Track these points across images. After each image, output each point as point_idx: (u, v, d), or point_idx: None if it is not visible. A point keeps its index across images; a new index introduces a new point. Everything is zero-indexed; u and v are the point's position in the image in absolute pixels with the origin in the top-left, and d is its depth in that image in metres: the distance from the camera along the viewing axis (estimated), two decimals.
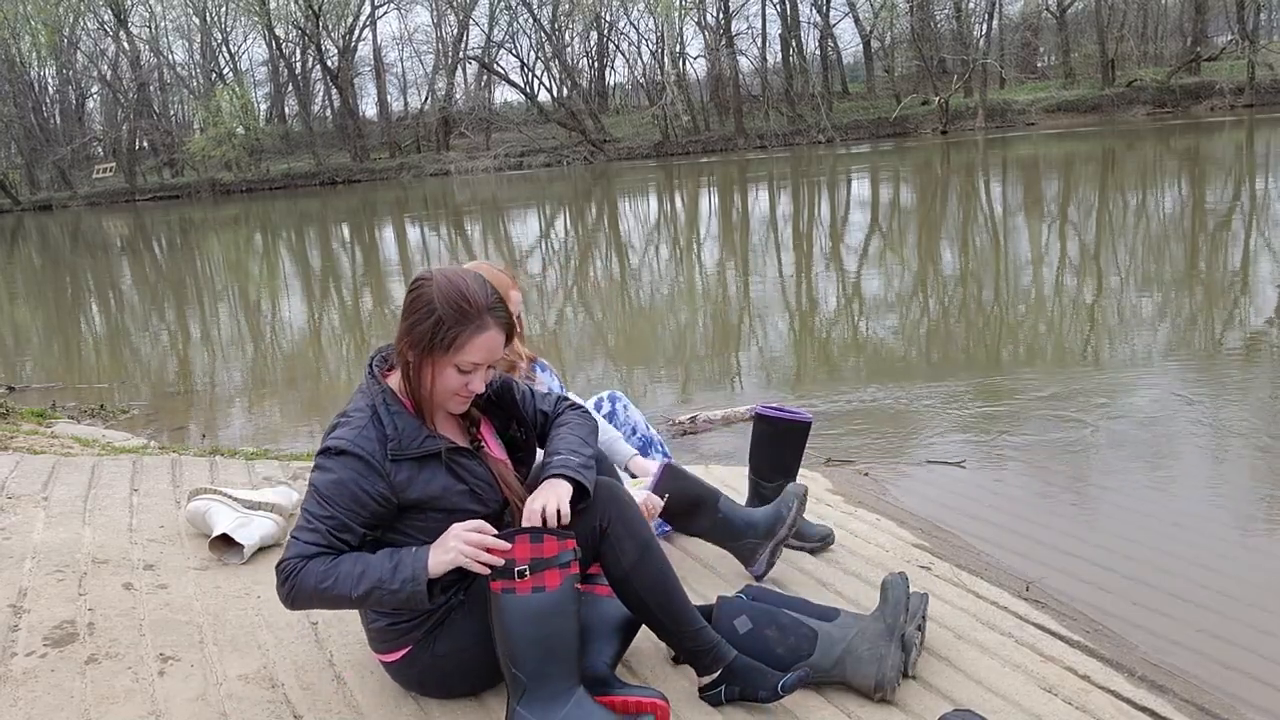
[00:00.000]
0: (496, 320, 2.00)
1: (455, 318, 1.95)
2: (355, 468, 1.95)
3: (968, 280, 9.29)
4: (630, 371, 7.01)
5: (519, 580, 1.90)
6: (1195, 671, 2.72)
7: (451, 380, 2.01)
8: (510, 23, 45.55)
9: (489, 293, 2.00)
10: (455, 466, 2.05)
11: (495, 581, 1.93)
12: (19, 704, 2.16)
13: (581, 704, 1.96)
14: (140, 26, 45.64)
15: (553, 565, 1.92)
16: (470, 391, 2.04)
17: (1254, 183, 15.15)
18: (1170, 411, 4.98)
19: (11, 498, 3.52)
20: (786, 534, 2.84)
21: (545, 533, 1.92)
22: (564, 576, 1.94)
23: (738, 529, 2.84)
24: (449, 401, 2.05)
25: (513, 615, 1.92)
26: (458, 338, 1.96)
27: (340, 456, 1.96)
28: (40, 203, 41.74)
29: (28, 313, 12.80)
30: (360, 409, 2.02)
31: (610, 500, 2.11)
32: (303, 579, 1.92)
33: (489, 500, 2.09)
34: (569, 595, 1.95)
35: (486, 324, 1.98)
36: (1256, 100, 33.34)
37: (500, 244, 16.65)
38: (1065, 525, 3.76)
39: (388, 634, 2.11)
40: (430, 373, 2.00)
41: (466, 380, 2.02)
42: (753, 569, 2.87)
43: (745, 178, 26.17)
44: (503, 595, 1.92)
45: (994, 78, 39.15)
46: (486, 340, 1.98)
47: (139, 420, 6.38)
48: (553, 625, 1.93)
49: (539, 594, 1.91)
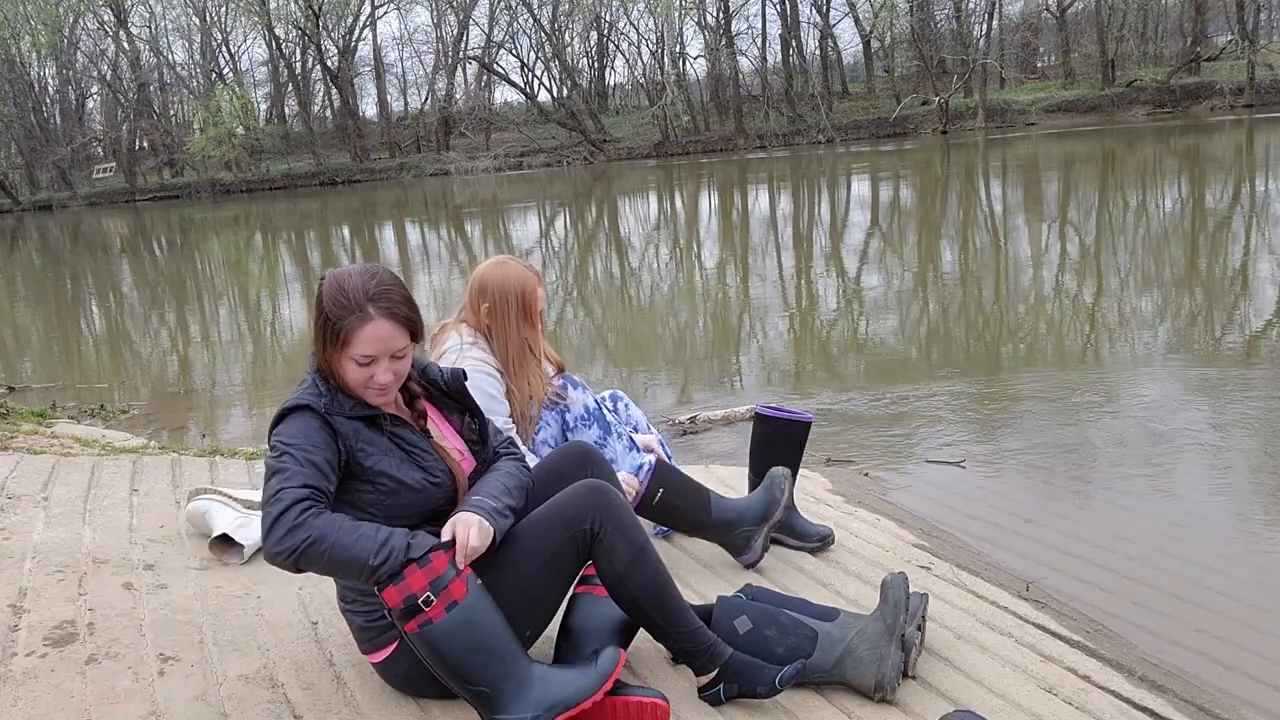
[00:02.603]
0: (380, 310, 2.00)
1: (338, 313, 2.00)
2: (309, 416, 2.00)
3: (968, 280, 9.29)
4: (630, 371, 7.01)
5: (429, 609, 1.88)
6: (1195, 671, 2.72)
7: (354, 373, 2.04)
8: (510, 23, 45.60)
9: (371, 285, 2.02)
10: (391, 434, 2.10)
11: (408, 624, 1.90)
12: (19, 704, 2.16)
13: (545, 678, 1.98)
14: (140, 26, 45.69)
15: (449, 579, 1.90)
16: (378, 384, 2.05)
17: (1254, 183, 15.16)
18: (1170, 411, 4.98)
19: (11, 498, 3.52)
20: (781, 515, 2.87)
21: (429, 552, 1.89)
22: (465, 580, 1.93)
23: (730, 521, 2.85)
24: (364, 394, 2.08)
25: (442, 642, 1.91)
26: (343, 332, 2.00)
27: (294, 412, 2.01)
28: (40, 203, 41.74)
29: (28, 313, 12.80)
30: (304, 380, 2.10)
31: (602, 505, 2.11)
32: (322, 530, 1.85)
33: (435, 470, 2.12)
34: (478, 593, 1.94)
35: (369, 315, 2.00)
36: (1256, 100, 33.35)
37: (500, 244, 16.65)
38: (1065, 525, 3.76)
39: (368, 632, 2.13)
40: (338, 367, 2.05)
41: (370, 373, 2.03)
42: (746, 556, 2.88)
43: (745, 178, 26.17)
44: (422, 630, 1.90)
45: (994, 78, 39.17)
46: (373, 331, 2.00)
47: (139, 420, 6.38)
48: (480, 629, 1.93)
49: (453, 610, 1.90)
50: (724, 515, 2.87)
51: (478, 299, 2.89)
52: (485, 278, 2.88)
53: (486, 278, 2.88)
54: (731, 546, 2.90)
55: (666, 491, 2.83)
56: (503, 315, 2.86)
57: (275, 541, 1.84)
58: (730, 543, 2.89)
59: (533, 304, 2.89)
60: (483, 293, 2.87)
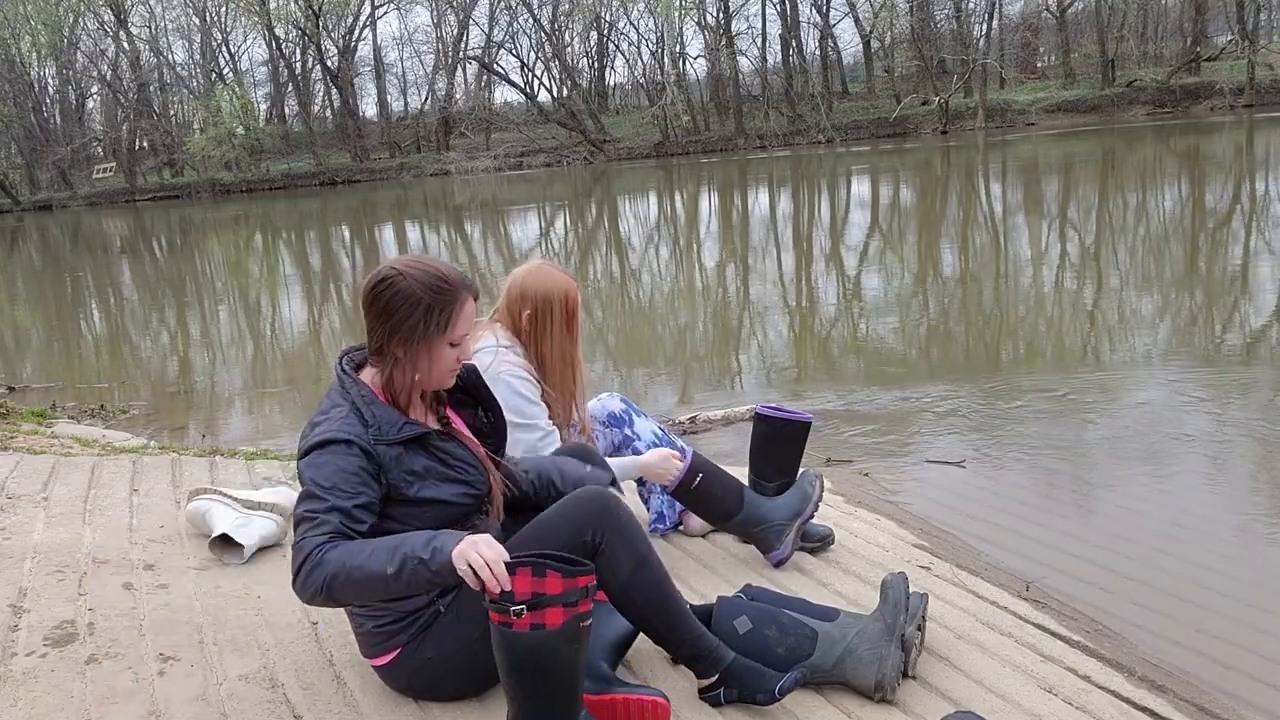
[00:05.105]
0: (469, 289, 2.11)
1: (442, 299, 2.05)
2: (347, 452, 1.97)
3: (968, 280, 9.29)
4: (630, 371, 7.01)
5: (515, 618, 1.81)
6: (1195, 671, 2.72)
7: (448, 357, 2.11)
8: (510, 23, 45.59)
9: (452, 267, 2.11)
10: (436, 450, 2.10)
11: (494, 614, 1.84)
12: (19, 704, 2.16)
13: None
14: (140, 26, 45.67)
15: (556, 603, 1.81)
16: (460, 360, 2.14)
17: (1254, 183, 15.16)
18: (1170, 411, 4.98)
19: (11, 498, 3.52)
20: (812, 512, 2.88)
21: (550, 567, 1.81)
22: (568, 615, 1.82)
23: (762, 515, 2.87)
24: (447, 378, 2.14)
25: (508, 650, 1.85)
26: (450, 316, 2.06)
27: (330, 446, 1.97)
28: (40, 203, 41.73)
29: (28, 313, 12.80)
30: (338, 404, 2.06)
31: (604, 514, 2.09)
32: (333, 560, 1.84)
33: (476, 482, 2.14)
34: (572, 634, 1.83)
35: (465, 296, 2.09)
36: (1256, 100, 33.34)
37: (500, 244, 16.66)
38: (1065, 525, 3.76)
39: (375, 636, 2.12)
40: (428, 358, 2.07)
41: (458, 353, 2.13)
42: (775, 554, 2.88)
43: (745, 178, 26.17)
44: (499, 628, 1.84)
45: (994, 78, 39.16)
46: (469, 309, 2.11)
47: (139, 420, 6.37)
48: (550, 663, 1.84)
49: (538, 631, 1.81)
50: (756, 510, 2.88)
51: (518, 304, 2.86)
52: (526, 283, 2.85)
53: (528, 283, 2.85)
54: (761, 542, 2.91)
55: (705, 478, 2.84)
56: (544, 322, 2.85)
57: (300, 588, 1.88)
58: (760, 538, 2.90)
59: (575, 311, 2.89)
60: (523, 298, 2.85)
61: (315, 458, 1.97)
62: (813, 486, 2.89)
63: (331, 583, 1.84)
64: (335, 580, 1.84)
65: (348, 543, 1.89)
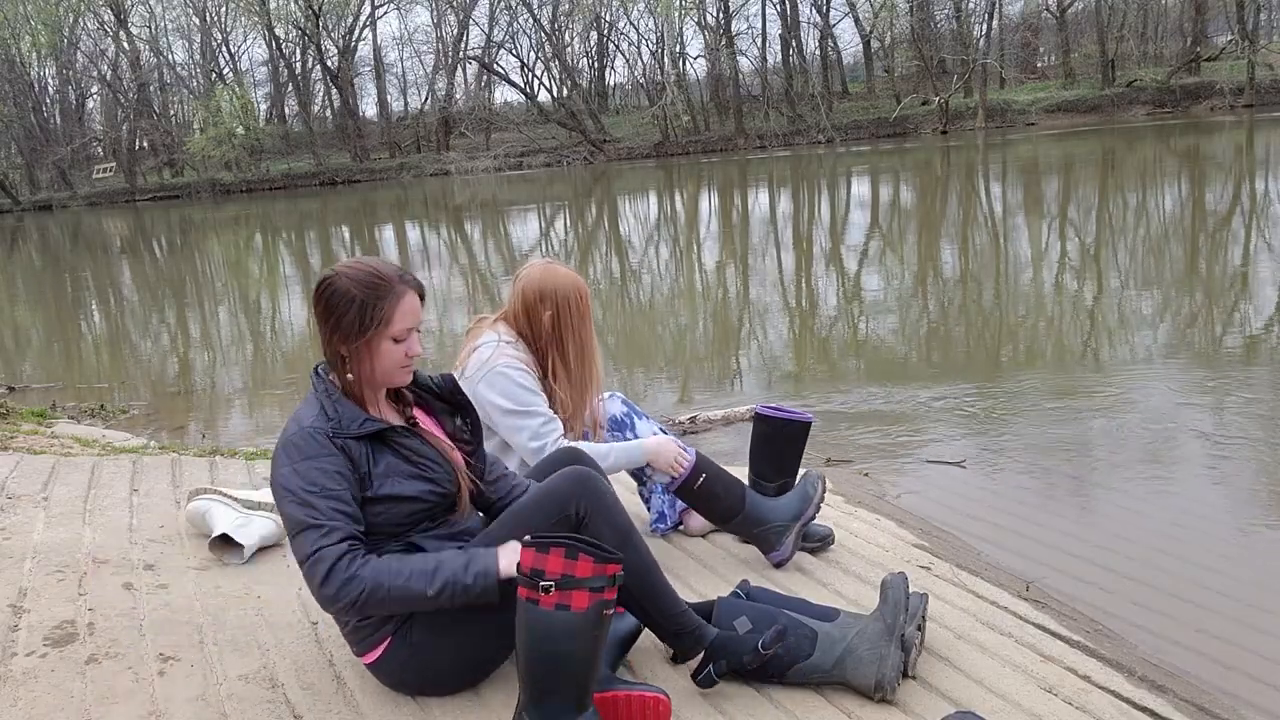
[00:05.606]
0: (407, 284, 2.12)
1: (375, 295, 2.07)
2: (326, 454, 2.03)
3: (968, 280, 9.29)
4: (630, 371, 7.01)
5: (543, 594, 1.85)
6: (1195, 671, 2.72)
7: (392, 353, 2.12)
8: (510, 23, 45.62)
9: (389, 265, 2.13)
10: (399, 446, 2.12)
11: (522, 588, 1.88)
12: (19, 704, 2.16)
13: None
14: (140, 26, 45.71)
15: (583, 587, 1.85)
16: (411, 356, 2.15)
17: (1254, 183, 15.16)
18: (1170, 411, 4.98)
19: (11, 498, 3.52)
20: (814, 514, 2.89)
21: (583, 550, 1.86)
22: (593, 600, 1.86)
23: (763, 516, 2.88)
24: (396, 374, 2.15)
25: (530, 626, 1.88)
26: (385, 311, 2.08)
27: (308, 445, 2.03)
28: (40, 203, 41.74)
29: (28, 313, 12.80)
30: (308, 402, 2.13)
31: (586, 490, 2.14)
32: (374, 578, 1.95)
33: (441, 480, 2.15)
34: (594, 620, 1.87)
35: (402, 290, 2.10)
36: (1256, 100, 33.36)
37: (500, 244, 16.66)
38: (1065, 525, 3.76)
39: (360, 632, 2.13)
40: (369, 355, 2.10)
41: (405, 347, 2.13)
42: (776, 554, 2.89)
43: (745, 178, 26.17)
44: (525, 603, 1.88)
45: (994, 78, 39.17)
46: (409, 303, 2.11)
47: (139, 420, 6.37)
48: (569, 646, 1.87)
49: (562, 612, 1.85)
50: (758, 510, 2.89)
51: (537, 307, 2.85)
52: (544, 285, 2.85)
53: (544, 285, 2.85)
54: (762, 542, 2.92)
55: (709, 478, 2.86)
56: (567, 321, 2.85)
57: (329, 600, 1.97)
58: (761, 538, 2.91)
59: (589, 307, 2.91)
60: (542, 300, 2.84)
61: (296, 461, 2.02)
62: (814, 488, 2.90)
63: (368, 599, 1.96)
64: (372, 597, 1.96)
65: (378, 560, 1.99)
